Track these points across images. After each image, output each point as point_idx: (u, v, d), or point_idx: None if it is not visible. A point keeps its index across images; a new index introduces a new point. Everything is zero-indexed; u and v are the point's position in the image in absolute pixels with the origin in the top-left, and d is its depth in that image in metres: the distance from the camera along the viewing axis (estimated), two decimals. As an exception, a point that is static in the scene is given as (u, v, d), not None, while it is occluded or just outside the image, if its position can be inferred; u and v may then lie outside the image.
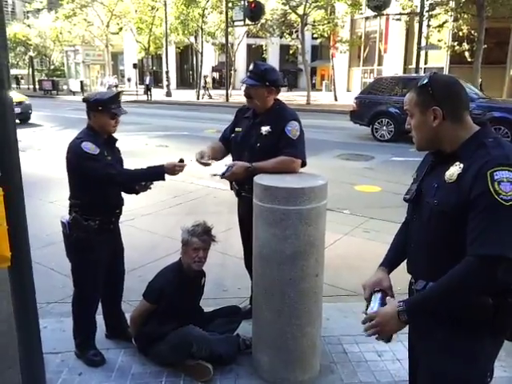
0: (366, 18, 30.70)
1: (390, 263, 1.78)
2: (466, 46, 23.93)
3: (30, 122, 15.51)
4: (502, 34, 25.63)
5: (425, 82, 1.48)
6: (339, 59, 32.58)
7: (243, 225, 3.15)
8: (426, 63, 25.82)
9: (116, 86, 31.16)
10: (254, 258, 2.54)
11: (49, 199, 6.31)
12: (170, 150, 10.76)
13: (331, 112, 20.20)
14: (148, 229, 5.25)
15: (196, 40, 31.26)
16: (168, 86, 30.95)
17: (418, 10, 21.40)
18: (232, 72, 30.93)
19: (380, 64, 32.06)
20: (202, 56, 29.65)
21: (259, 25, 27.90)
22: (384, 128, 12.28)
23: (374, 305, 1.58)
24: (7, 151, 1.90)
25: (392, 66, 29.68)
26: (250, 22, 26.18)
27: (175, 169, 2.63)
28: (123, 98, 3.53)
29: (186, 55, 45.47)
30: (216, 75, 45.42)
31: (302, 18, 25.07)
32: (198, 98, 28.40)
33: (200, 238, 2.68)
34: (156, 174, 2.65)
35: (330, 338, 2.93)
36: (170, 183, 7.28)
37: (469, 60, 24.23)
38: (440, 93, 1.48)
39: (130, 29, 31.69)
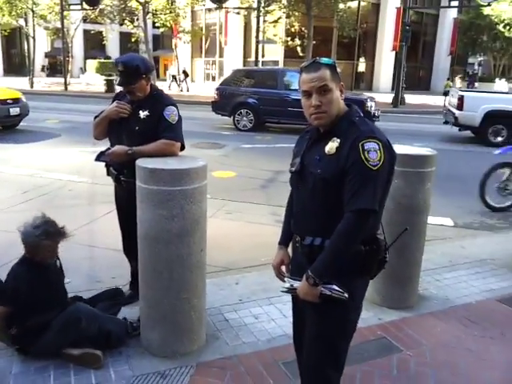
0: (207, 10, 31.26)
1: (285, 240, 2.06)
2: (297, 41, 26.10)
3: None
4: (327, 32, 28.57)
5: (332, 61, 1.74)
6: (182, 50, 32.69)
7: (122, 210, 3.18)
8: (263, 56, 27.33)
9: None
10: (139, 239, 2.61)
11: None
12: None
13: (190, 103, 19.82)
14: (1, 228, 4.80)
15: (26, 23, 28.26)
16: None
17: (255, 6, 22.69)
18: (69, 59, 28.75)
19: (221, 56, 33.04)
20: (34, 41, 27.01)
21: (97, 10, 26.39)
22: (245, 118, 12.81)
23: (292, 283, 1.84)
24: None
25: (232, 58, 30.88)
26: (87, 7, 24.68)
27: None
28: None
29: (14, 39, 40.87)
30: (46, 62, 41.53)
31: (144, 6, 24.51)
32: (31, 87, 25.82)
33: (52, 239, 2.57)
34: None
35: (211, 310, 3.15)
36: (16, 178, 6.75)
37: (300, 54, 26.55)
38: (339, 71, 1.78)
39: None
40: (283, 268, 2.07)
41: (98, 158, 2.95)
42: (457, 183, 7.17)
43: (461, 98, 11.38)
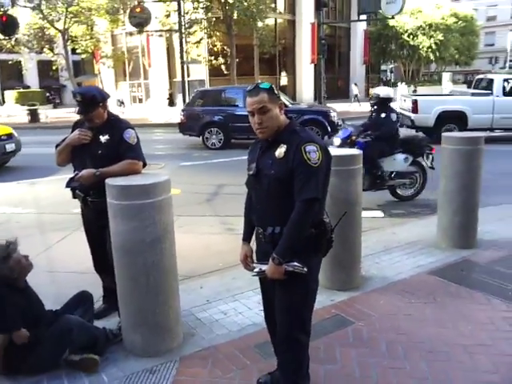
0: (128, 34, 31.17)
1: (248, 236, 2.45)
2: (221, 60, 26.75)
3: None
4: (248, 49, 29.48)
5: (269, 86, 2.14)
6: (105, 74, 32.29)
7: (90, 230, 3.39)
8: (188, 76, 27.68)
9: None
10: (115, 251, 2.86)
11: None
12: None
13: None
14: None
15: None
16: None
17: (176, 28, 23.06)
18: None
19: (146, 78, 32.95)
20: None
21: (14, 40, 25.54)
22: (214, 137, 13.14)
23: (261, 267, 2.22)
24: None
25: (158, 80, 30.96)
26: (2, 36, 23.81)
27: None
28: None
29: None
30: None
31: (63, 33, 24.09)
32: None
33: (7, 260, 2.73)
34: None
35: (183, 312, 3.40)
36: (-45, 216, 6.57)
37: (225, 72, 27.22)
38: (276, 92, 2.19)
39: None
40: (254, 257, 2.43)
41: (68, 184, 3.17)
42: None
43: (415, 102, 12.44)
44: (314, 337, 2.89)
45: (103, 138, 3.14)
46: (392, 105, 6.87)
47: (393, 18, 22.87)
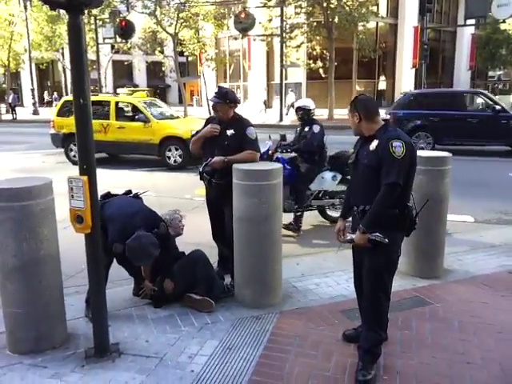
0: (232, 38, 32.85)
1: (344, 214, 3.06)
2: (319, 63, 27.23)
3: None
4: (347, 52, 29.65)
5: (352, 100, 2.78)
6: (207, 75, 34.32)
7: (211, 205, 4.20)
8: (286, 79, 28.53)
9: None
10: (235, 222, 3.61)
11: None
12: (71, 165, 11.00)
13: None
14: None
15: (63, 57, 30.35)
16: (34, 104, 29.51)
17: (278, 32, 24.00)
18: (103, 88, 30.57)
19: (245, 80, 34.49)
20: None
21: (129, 42, 28.26)
22: (421, 141, 12.48)
23: (351, 236, 2.82)
24: (89, 149, 2.74)
25: (256, 82, 32.30)
26: (120, 40, 26.47)
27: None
28: None
29: (47, 72, 43.35)
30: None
31: (174, 37, 26.15)
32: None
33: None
34: None
35: (283, 279, 4.08)
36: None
37: (322, 76, 27.68)
38: (358, 106, 2.78)
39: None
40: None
41: (203, 169, 3.98)
42: (482, 188, 8.16)
43: None
44: (393, 311, 3.43)
45: (229, 132, 3.90)
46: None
47: (504, 22, 21.83)
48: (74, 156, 11.10)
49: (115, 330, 3.28)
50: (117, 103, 11.42)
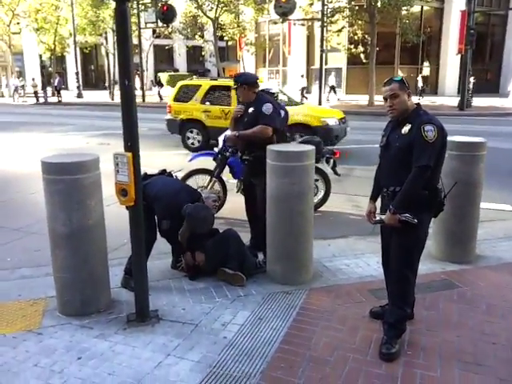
0: (272, 22, 32.66)
1: (374, 197, 3.15)
2: (361, 48, 26.75)
3: None
4: (390, 37, 28.91)
5: (400, 78, 2.82)
6: (247, 60, 34.34)
7: (245, 184, 4.51)
8: (326, 64, 28.20)
9: (22, 87, 30.04)
10: (268, 200, 3.77)
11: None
12: (112, 147, 11.41)
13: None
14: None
15: (107, 41, 31.11)
16: (79, 87, 30.49)
17: (319, 17, 23.70)
18: (145, 72, 31.20)
19: (285, 65, 34.28)
20: (114, 57, 29.63)
21: (170, 27, 28.63)
22: None
23: (381, 217, 2.92)
24: (133, 128, 2.94)
25: (296, 67, 32.03)
26: (161, 24, 26.84)
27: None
28: (30, 101, 3.53)
29: (91, 56, 44.49)
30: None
31: (214, 22, 26.29)
32: (112, 99, 28.43)
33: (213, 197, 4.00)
34: None
35: (313, 260, 4.22)
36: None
37: (363, 61, 27.19)
38: (406, 83, 2.84)
39: (32, 28, 30.59)
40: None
41: (224, 144, 4.37)
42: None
43: None
44: (422, 292, 3.52)
45: (250, 110, 4.18)
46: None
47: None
48: (192, 144, 11.15)
49: (154, 299, 3.51)
50: None
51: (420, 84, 26.16)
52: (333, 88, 26.50)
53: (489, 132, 13.78)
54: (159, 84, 28.68)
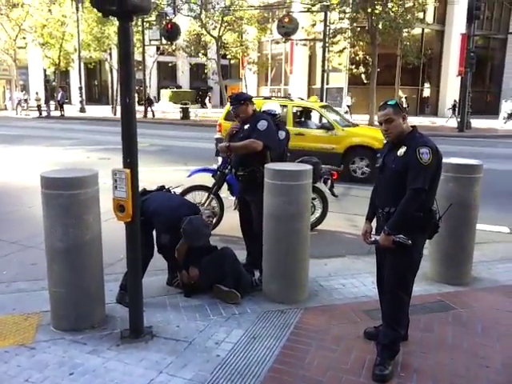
0: (274, 42, 33.09)
1: (370, 217, 3.17)
2: (362, 69, 27.03)
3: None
4: (391, 58, 29.27)
5: (394, 102, 2.86)
6: (249, 78, 34.71)
7: (240, 200, 4.54)
8: (327, 84, 28.49)
9: (26, 101, 30.28)
10: (265, 218, 3.78)
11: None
12: (113, 161, 11.47)
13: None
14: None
15: (111, 57, 31.50)
16: (82, 102, 30.75)
17: (321, 37, 24.02)
18: (148, 88, 31.48)
19: (286, 84, 34.60)
20: (118, 73, 29.96)
21: (174, 44, 29.02)
22: None
23: (376, 237, 2.94)
24: (132, 144, 2.98)
25: (297, 86, 32.36)
26: (165, 42, 27.24)
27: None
28: (32, 114, 3.61)
29: (95, 71, 44.94)
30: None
31: (217, 40, 26.66)
32: (114, 114, 28.64)
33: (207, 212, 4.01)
34: None
35: (309, 279, 4.21)
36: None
37: (364, 81, 27.46)
38: (401, 106, 2.88)
39: (38, 43, 30.99)
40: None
41: (223, 161, 4.58)
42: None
43: None
44: (416, 313, 3.51)
45: (246, 126, 4.28)
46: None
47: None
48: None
49: (149, 315, 3.50)
50: (293, 108, 10.27)
51: (405, 105, 26.46)
52: (349, 107, 27.01)
53: (487, 154, 13.87)
54: (149, 101, 28.49)
